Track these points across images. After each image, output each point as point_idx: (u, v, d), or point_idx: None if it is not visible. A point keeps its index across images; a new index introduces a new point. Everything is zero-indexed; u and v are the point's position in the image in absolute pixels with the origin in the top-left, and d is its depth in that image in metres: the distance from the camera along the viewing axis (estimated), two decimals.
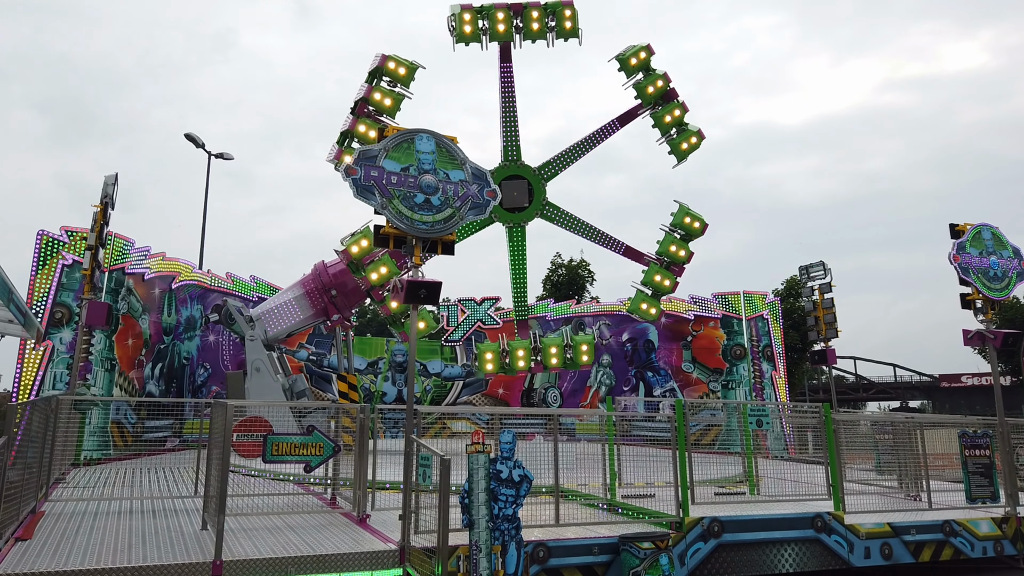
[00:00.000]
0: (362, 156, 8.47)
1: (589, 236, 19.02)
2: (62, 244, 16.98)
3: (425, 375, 26.39)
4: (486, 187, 9.01)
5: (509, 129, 18.46)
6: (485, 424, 22.39)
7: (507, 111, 18.43)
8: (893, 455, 13.43)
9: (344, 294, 18.32)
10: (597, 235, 18.98)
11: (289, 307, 18.68)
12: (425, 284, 8.34)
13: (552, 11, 17.78)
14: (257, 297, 24.19)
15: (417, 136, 8.79)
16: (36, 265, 16.66)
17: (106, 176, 14.12)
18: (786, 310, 33.86)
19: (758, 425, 11.97)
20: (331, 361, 25.04)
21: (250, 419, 11.05)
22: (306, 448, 9.06)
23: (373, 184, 8.40)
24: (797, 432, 22.75)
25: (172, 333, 20.79)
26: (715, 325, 25.49)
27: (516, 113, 18.45)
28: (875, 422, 16.27)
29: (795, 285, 38.09)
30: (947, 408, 65.50)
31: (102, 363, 17.17)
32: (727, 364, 25.09)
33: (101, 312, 13.32)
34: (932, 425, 15.08)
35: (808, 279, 19.89)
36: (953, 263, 12.84)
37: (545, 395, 26.94)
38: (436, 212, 8.61)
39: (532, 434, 22.99)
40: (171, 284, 20.53)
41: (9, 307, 8.17)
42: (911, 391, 75.15)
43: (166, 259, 20.32)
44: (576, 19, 18.03)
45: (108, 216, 14.06)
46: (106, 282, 17.35)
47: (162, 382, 20.27)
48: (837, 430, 11.36)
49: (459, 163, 8.91)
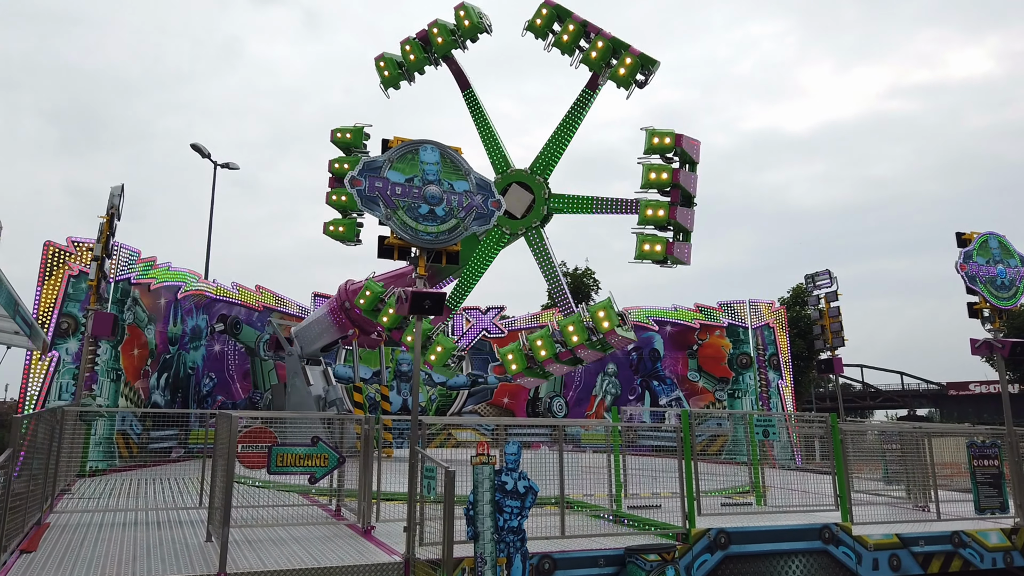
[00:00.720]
0: (366, 167, 8.48)
1: (603, 208, 18.46)
2: (68, 255, 17.04)
3: (430, 384, 26.36)
4: (490, 197, 9.00)
5: (488, 140, 19.13)
6: (490, 434, 22.35)
7: (481, 124, 19.40)
8: (901, 465, 13.33)
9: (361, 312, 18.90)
10: (609, 204, 18.39)
11: (317, 324, 20.85)
12: (429, 295, 8.33)
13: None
14: (263, 307, 24.24)
15: (421, 147, 8.80)
16: (42, 276, 16.71)
17: (112, 187, 14.19)
18: (792, 318, 33.74)
19: (765, 435, 11.92)
20: (335, 370, 25.05)
21: (255, 430, 11.04)
22: (311, 459, 9.05)
23: (377, 195, 8.41)
24: (804, 441, 22.65)
25: (178, 343, 20.82)
26: (721, 334, 25.41)
27: (489, 123, 19.34)
28: (882, 431, 16.17)
29: (801, 293, 37.96)
30: (955, 416, 65.16)
31: (108, 373, 17.19)
32: (733, 373, 24.99)
33: (107, 322, 13.36)
34: (940, 434, 14.98)
35: (814, 287, 19.81)
36: (960, 272, 12.76)
37: (551, 404, 26.87)
38: (441, 223, 8.61)
39: (537, 444, 22.93)
40: (177, 294, 20.58)
41: (15, 318, 8.19)
42: (918, 399, 74.84)
43: (172, 269, 20.37)
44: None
45: (114, 227, 14.13)
46: (112, 292, 17.39)
47: (168, 392, 20.29)
48: (844, 440, 11.30)
49: (463, 173, 8.92)
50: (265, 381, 24.29)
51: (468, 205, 8.82)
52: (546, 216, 18.80)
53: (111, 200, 14.06)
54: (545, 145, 18.79)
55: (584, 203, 18.56)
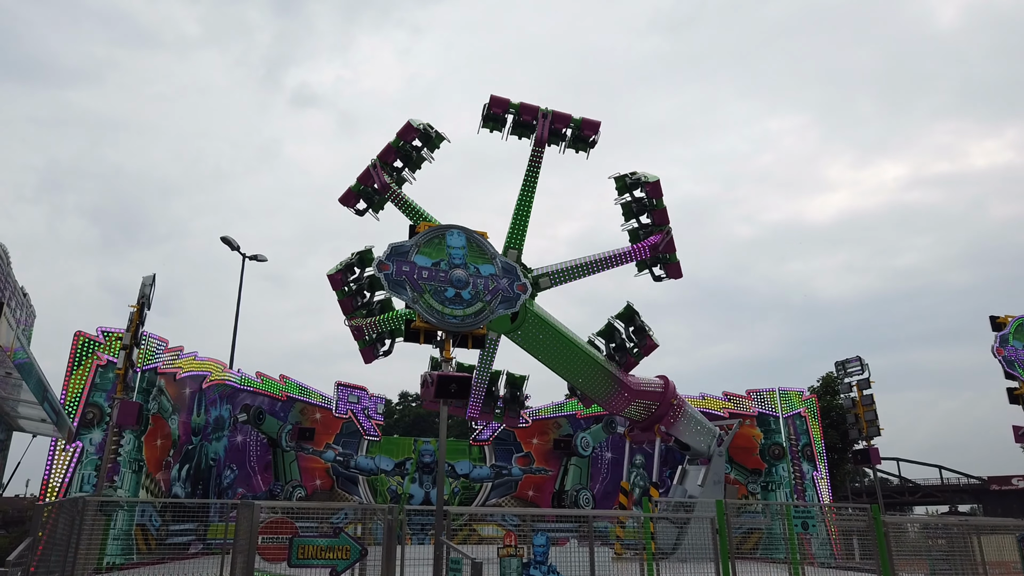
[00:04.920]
0: (394, 251, 8.58)
1: (590, 270, 18.98)
2: (98, 344, 17.23)
3: (453, 476, 25.79)
4: (516, 281, 9.03)
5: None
6: (516, 527, 21.68)
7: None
8: (948, 563, 12.63)
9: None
10: (599, 264, 19.08)
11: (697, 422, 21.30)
12: (455, 378, 8.24)
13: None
14: (286, 396, 24.15)
15: (448, 232, 8.91)
16: (71, 365, 16.87)
17: (144, 277, 14.46)
18: (823, 408, 32.95)
19: (804, 528, 11.42)
20: (358, 462, 24.67)
21: (277, 521, 10.79)
22: (332, 551, 8.77)
23: (404, 279, 8.47)
24: (843, 537, 21.67)
25: (200, 433, 20.71)
26: (751, 423, 24.79)
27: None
28: (926, 525, 15.44)
29: (831, 382, 37.18)
30: (999, 512, 62.26)
31: (130, 464, 17.06)
32: (766, 464, 24.23)
33: (132, 411, 13.35)
34: (991, 530, 14.25)
35: (845, 375, 19.42)
36: (997, 356, 12.48)
37: (577, 497, 26.11)
38: (467, 306, 8.61)
39: (565, 539, 22.14)
40: (202, 384, 20.61)
41: (43, 404, 8.21)
42: (959, 494, 71.82)
43: (198, 359, 20.49)
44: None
45: (144, 316, 14.32)
46: (138, 381, 17.48)
47: (188, 484, 20.03)
48: (887, 535, 10.77)
49: (489, 257, 8.98)
50: (286, 473, 23.95)
51: (494, 288, 8.84)
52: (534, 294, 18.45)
53: (142, 290, 14.30)
54: (512, 220, 18.79)
55: (575, 271, 18.83)
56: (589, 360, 18.84)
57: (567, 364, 18.70)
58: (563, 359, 18.55)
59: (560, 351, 18.35)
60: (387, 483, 24.67)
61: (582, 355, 18.70)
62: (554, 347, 18.23)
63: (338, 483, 24.16)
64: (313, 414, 24.49)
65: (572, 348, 18.47)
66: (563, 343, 18.28)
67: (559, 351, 18.32)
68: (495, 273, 8.95)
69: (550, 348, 18.20)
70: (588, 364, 18.83)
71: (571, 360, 18.61)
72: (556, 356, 18.42)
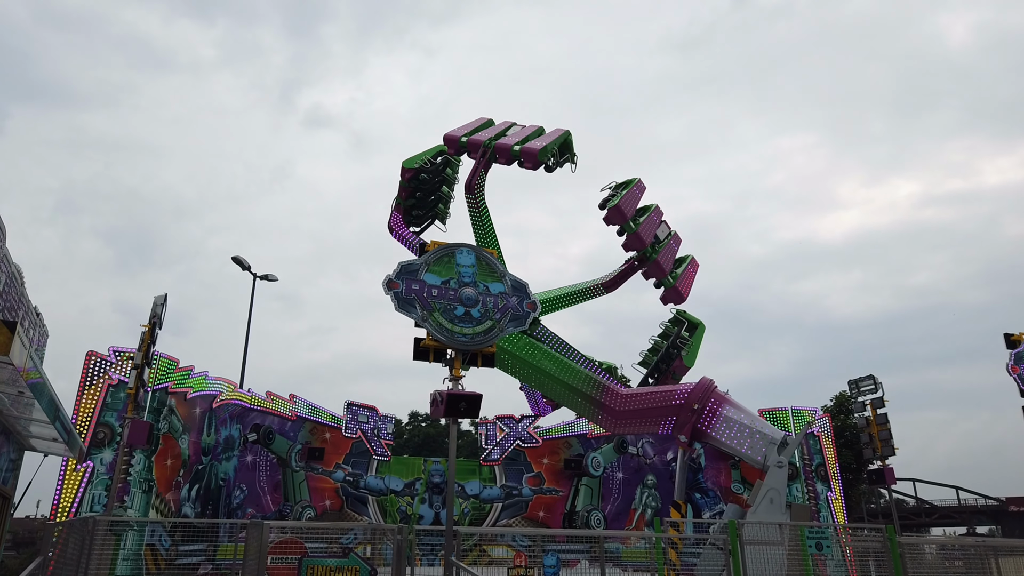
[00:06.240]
0: (404, 270, 8.59)
1: (580, 297, 19.41)
2: (109, 364, 17.29)
3: (463, 497, 25.64)
4: (526, 299, 9.02)
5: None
6: (527, 548, 21.48)
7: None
8: None
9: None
10: (589, 292, 19.59)
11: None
12: (465, 397, 8.21)
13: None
14: (296, 415, 24.14)
15: (458, 250, 8.92)
16: (83, 384, 16.93)
17: (156, 296, 14.55)
18: (837, 427, 32.60)
19: (818, 549, 11.27)
20: (367, 482, 24.58)
21: (286, 541, 10.75)
22: (342, 572, 8.72)
23: (414, 297, 8.47)
24: (858, 558, 21.35)
25: (210, 453, 20.70)
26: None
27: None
28: (943, 546, 15.20)
29: (845, 401, 36.78)
30: (1017, 533, 61.29)
31: (140, 484, 17.05)
32: None
33: (143, 431, 13.38)
34: (1009, 551, 14.02)
35: (858, 393, 19.25)
36: (1012, 374, 12.34)
37: (588, 518, 25.89)
38: (476, 324, 8.59)
39: (575, 560, 21.92)
40: (212, 403, 20.64)
41: (55, 423, 8.23)
42: (977, 515, 70.76)
43: (208, 378, 20.53)
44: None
45: (156, 335, 14.39)
46: (149, 401, 17.51)
47: (198, 504, 20.00)
48: (903, 556, 10.62)
49: (499, 276, 8.98)
50: (296, 493, 23.88)
51: (503, 307, 8.83)
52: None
53: (154, 309, 14.38)
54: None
55: (562, 300, 18.80)
56: (564, 386, 16.67)
57: (548, 391, 17.43)
58: (541, 385, 17.20)
59: (537, 378, 16.71)
60: (397, 503, 24.56)
61: (557, 382, 16.61)
62: (530, 374, 16.64)
63: (348, 503, 24.06)
64: (323, 434, 24.46)
65: (543, 375, 16.53)
66: (536, 371, 16.49)
67: (536, 377, 16.70)
68: (504, 291, 8.95)
69: (528, 377, 16.82)
70: (564, 389, 16.80)
71: (548, 386, 16.98)
72: (534, 382, 17.23)
